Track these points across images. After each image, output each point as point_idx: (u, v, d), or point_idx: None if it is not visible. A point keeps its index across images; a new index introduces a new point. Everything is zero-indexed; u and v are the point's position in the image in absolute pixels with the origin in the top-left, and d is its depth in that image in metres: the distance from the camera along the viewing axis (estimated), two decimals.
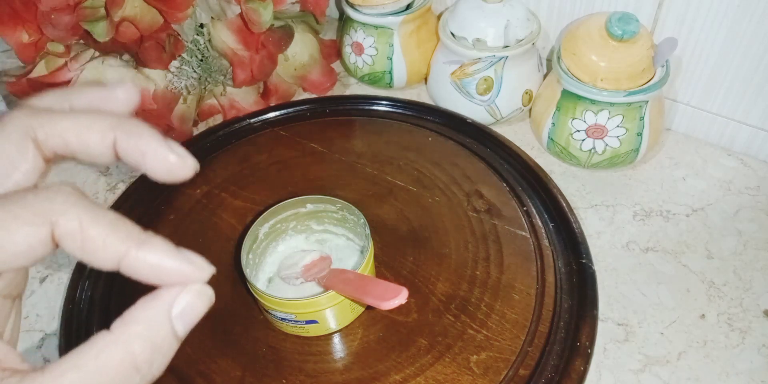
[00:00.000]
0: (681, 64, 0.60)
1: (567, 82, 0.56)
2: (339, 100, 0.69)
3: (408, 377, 0.44)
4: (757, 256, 0.52)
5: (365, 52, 0.68)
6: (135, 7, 0.56)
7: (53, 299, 0.53)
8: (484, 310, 0.47)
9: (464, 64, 0.61)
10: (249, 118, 0.66)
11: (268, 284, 0.50)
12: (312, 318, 0.44)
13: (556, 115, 0.58)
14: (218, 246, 0.54)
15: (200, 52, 0.62)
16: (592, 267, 0.50)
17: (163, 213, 0.57)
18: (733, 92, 0.59)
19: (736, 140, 0.61)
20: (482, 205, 0.55)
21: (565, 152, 0.60)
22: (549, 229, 0.53)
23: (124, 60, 0.61)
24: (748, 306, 0.49)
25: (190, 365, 0.45)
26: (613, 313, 0.49)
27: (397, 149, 0.61)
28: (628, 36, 0.53)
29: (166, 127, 0.63)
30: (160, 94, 0.61)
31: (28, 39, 0.59)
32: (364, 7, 0.65)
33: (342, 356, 0.46)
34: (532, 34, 0.60)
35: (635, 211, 0.57)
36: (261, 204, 0.57)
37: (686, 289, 0.51)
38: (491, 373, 0.43)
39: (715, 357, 0.46)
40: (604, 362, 0.46)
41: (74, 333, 0.49)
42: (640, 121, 0.56)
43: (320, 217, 0.52)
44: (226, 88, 0.66)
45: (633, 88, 0.54)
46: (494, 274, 0.50)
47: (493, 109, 0.63)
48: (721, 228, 0.55)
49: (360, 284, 0.43)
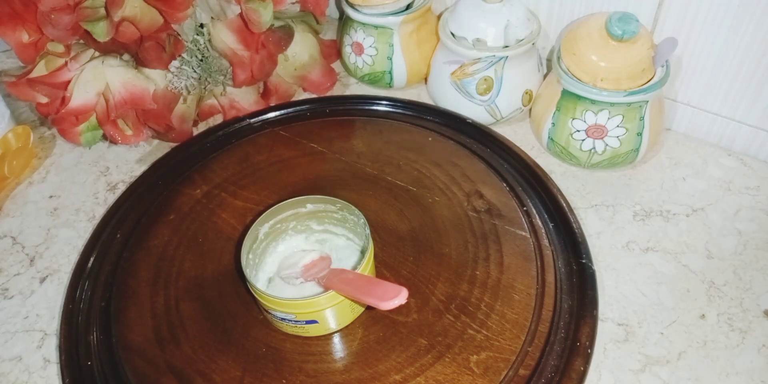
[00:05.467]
0: (681, 64, 0.60)
1: (567, 82, 0.56)
2: (339, 100, 0.69)
3: (408, 377, 0.44)
4: (757, 256, 0.52)
5: (365, 52, 0.68)
6: (135, 7, 0.56)
7: (53, 299, 0.53)
8: (484, 310, 0.47)
9: (464, 64, 0.61)
10: (249, 118, 0.66)
11: (268, 284, 0.50)
12: (312, 318, 0.44)
13: (556, 115, 0.58)
14: (218, 246, 0.54)
15: (200, 52, 0.62)
16: (592, 267, 0.50)
17: (163, 213, 0.57)
18: (733, 92, 0.59)
19: (736, 140, 0.61)
20: (482, 205, 0.55)
21: (565, 152, 0.60)
22: (549, 229, 0.53)
23: (124, 60, 0.61)
24: (748, 306, 0.49)
25: (190, 365, 0.45)
26: (613, 313, 0.49)
27: (397, 149, 0.61)
28: (628, 36, 0.53)
29: (166, 127, 0.63)
30: (160, 94, 0.61)
31: (28, 39, 0.59)
32: (364, 7, 0.65)
33: (342, 356, 0.46)
34: (532, 34, 0.60)
35: (635, 211, 0.57)
36: (261, 204, 0.57)
37: (686, 289, 0.51)
38: (491, 373, 0.43)
39: (715, 357, 0.46)
40: (604, 362, 0.46)
41: (74, 333, 0.49)
42: (640, 121, 0.56)
43: (320, 217, 0.52)
44: (226, 88, 0.66)
45: (633, 88, 0.54)
46: (494, 274, 0.50)
47: (493, 109, 0.63)
48: (721, 228, 0.55)
49: (360, 284, 0.43)
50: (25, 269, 0.56)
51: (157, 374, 0.45)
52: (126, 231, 0.56)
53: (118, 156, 0.67)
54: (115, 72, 0.60)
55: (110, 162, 0.66)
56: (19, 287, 0.54)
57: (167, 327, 0.48)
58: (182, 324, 0.48)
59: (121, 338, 0.48)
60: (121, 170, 0.65)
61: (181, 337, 0.47)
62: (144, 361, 0.46)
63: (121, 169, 0.65)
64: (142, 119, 0.62)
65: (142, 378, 0.45)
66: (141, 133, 0.63)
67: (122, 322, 0.49)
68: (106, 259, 0.54)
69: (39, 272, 0.56)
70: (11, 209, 0.62)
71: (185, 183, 0.60)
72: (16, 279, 0.55)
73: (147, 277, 0.52)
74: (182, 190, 0.59)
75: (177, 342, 0.47)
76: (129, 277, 0.52)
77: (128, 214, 0.57)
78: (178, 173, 0.61)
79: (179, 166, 0.62)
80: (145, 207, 0.58)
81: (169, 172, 0.61)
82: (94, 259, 0.54)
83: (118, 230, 0.56)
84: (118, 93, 0.59)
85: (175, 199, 0.58)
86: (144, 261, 0.53)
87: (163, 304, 0.49)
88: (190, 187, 0.59)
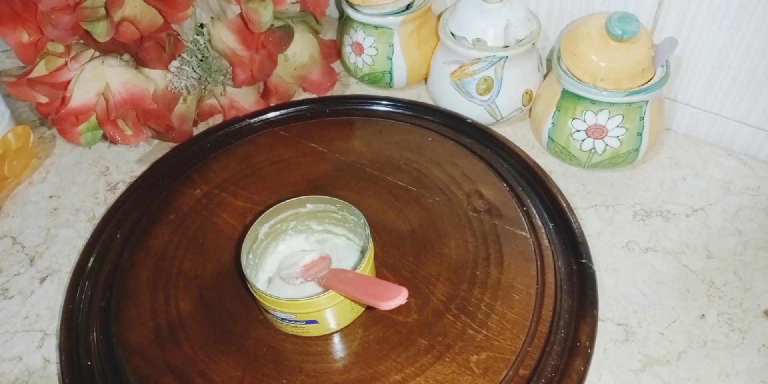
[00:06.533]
0: (681, 64, 0.60)
1: (567, 82, 0.56)
2: (339, 100, 0.69)
3: (408, 377, 0.44)
4: (757, 256, 0.52)
5: (365, 52, 0.68)
6: (135, 7, 0.56)
7: (53, 299, 0.53)
8: (484, 310, 0.47)
9: (464, 64, 0.61)
10: (249, 118, 0.66)
11: (268, 284, 0.50)
12: (312, 318, 0.44)
13: (556, 115, 0.58)
14: (218, 246, 0.54)
15: (200, 52, 0.62)
16: (592, 267, 0.50)
17: (163, 213, 0.57)
18: (733, 92, 0.59)
19: (736, 140, 0.61)
20: (482, 205, 0.55)
21: (565, 152, 0.60)
22: (549, 229, 0.53)
23: (124, 60, 0.61)
24: (748, 306, 0.49)
25: (190, 365, 0.45)
26: (613, 313, 0.49)
27: (397, 149, 0.61)
28: (628, 36, 0.53)
29: (166, 127, 0.63)
30: (160, 94, 0.61)
31: (28, 39, 0.59)
32: (364, 7, 0.65)
33: (342, 356, 0.46)
34: (532, 34, 0.60)
35: (635, 211, 0.57)
36: (261, 204, 0.57)
37: (686, 289, 0.51)
38: (491, 373, 0.43)
39: (715, 357, 0.46)
40: (604, 362, 0.46)
41: (74, 333, 0.49)
42: (640, 121, 0.56)
43: (320, 217, 0.52)
44: (226, 88, 0.66)
45: (633, 88, 0.54)
46: (494, 274, 0.50)
47: (493, 109, 0.63)
48: (721, 228, 0.55)
49: (360, 284, 0.43)
50: (25, 269, 0.56)
51: (157, 374, 0.45)
52: (126, 231, 0.56)
53: (118, 156, 0.67)
54: (115, 72, 0.60)
55: (110, 162, 0.66)
56: (19, 287, 0.54)
57: (167, 327, 0.48)
58: (182, 324, 0.48)
59: (121, 338, 0.48)
60: (121, 170, 0.65)
61: (181, 337, 0.47)
62: (144, 361, 0.46)
63: (121, 169, 0.65)
64: (142, 119, 0.62)
65: (142, 378, 0.45)
66: (141, 133, 0.63)
67: (122, 322, 0.49)
68: (106, 259, 0.54)
69: (39, 272, 0.56)
70: (11, 209, 0.62)
71: (185, 183, 0.60)
72: (16, 279, 0.55)
73: (147, 277, 0.52)
74: (182, 190, 0.59)
75: (177, 342, 0.47)
76: (129, 277, 0.52)
77: (128, 214, 0.57)
78: (178, 173, 0.61)
79: (179, 166, 0.62)
80: (145, 207, 0.58)
81: (169, 172, 0.61)
82: (94, 259, 0.54)
83: (118, 230, 0.56)
84: (118, 93, 0.59)
85: (175, 199, 0.58)
86: (144, 261, 0.53)
87: (163, 304, 0.49)
88: (190, 187, 0.59)
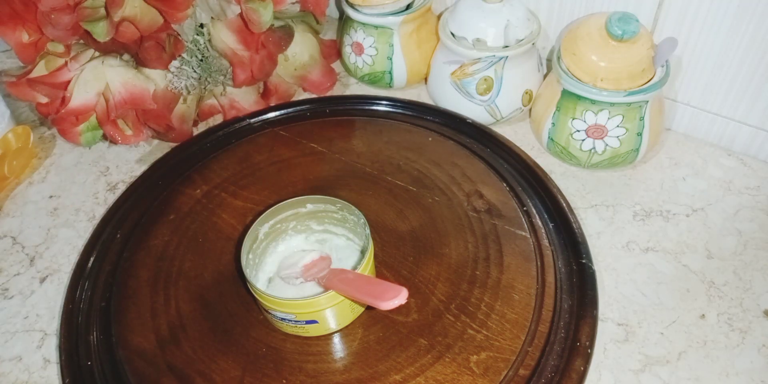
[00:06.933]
0: (681, 64, 0.60)
1: (567, 82, 0.56)
2: (339, 100, 0.69)
3: (408, 377, 0.44)
4: (757, 256, 0.52)
5: (365, 52, 0.68)
6: (135, 7, 0.56)
7: (53, 299, 0.53)
8: (484, 310, 0.47)
9: (464, 64, 0.61)
10: (249, 118, 0.66)
11: (268, 284, 0.50)
12: (312, 318, 0.44)
13: (556, 115, 0.58)
14: (218, 246, 0.54)
15: (200, 52, 0.62)
16: (592, 267, 0.50)
17: (163, 213, 0.57)
18: (733, 92, 0.59)
19: (736, 140, 0.61)
20: (482, 205, 0.55)
21: (565, 152, 0.60)
22: (549, 229, 0.53)
23: (124, 60, 0.61)
24: (748, 306, 0.49)
25: (190, 365, 0.45)
26: (613, 313, 0.49)
27: (397, 149, 0.61)
28: (628, 36, 0.53)
29: (166, 127, 0.63)
30: (160, 94, 0.61)
31: (28, 39, 0.59)
32: (364, 7, 0.65)
33: (342, 356, 0.46)
34: (532, 34, 0.60)
35: (635, 211, 0.57)
36: (261, 204, 0.57)
37: (686, 289, 0.51)
38: (491, 373, 0.43)
39: (715, 357, 0.46)
40: (604, 362, 0.46)
41: (74, 333, 0.49)
42: (640, 121, 0.56)
43: (320, 217, 0.52)
44: (226, 88, 0.66)
45: (633, 88, 0.54)
46: (494, 274, 0.50)
47: (493, 109, 0.63)
48: (721, 228, 0.55)
49: (360, 284, 0.43)
50: (25, 269, 0.56)
51: (157, 374, 0.45)
52: (126, 231, 0.56)
53: (118, 156, 0.67)
54: (115, 72, 0.60)
55: (110, 162, 0.66)
56: (19, 287, 0.54)
57: (167, 327, 0.48)
58: (182, 324, 0.48)
59: (121, 338, 0.48)
60: (121, 170, 0.65)
61: (181, 337, 0.47)
62: (144, 361, 0.46)
63: (121, 169, 0.65)
64: (142, 119, 0.62)
65: (142, 378, 0.45)
66: (141, 133, 0.63)
67: (122, 322, 0.49)
68: (106, 259, 0.54)
69: (39, 272, 0.56)
70: (11, 209, 0.62)
71: (185, 183, 0.60)
72: (16, 279, 0.55)
73: (147, 277, 0.52)
74: (182, 190, 0.59)
75: (177, 342, 0.47)
76: (129, 277, 0.52)
77: (128, 214, 0.57)
78: (178, 173, 0.61)
79: (179, 166, 0.62)
80: (145, 207, 0.58)
81: (169, 172, 0.61)
82: (94, 259, 0.54)
83: (118, 230, 0.56)
84: (118, 93, 0.59)
85: (175, 199, 0.58)
86: (144, 261, 0.53)
87: (163, 304, 0.49)
88: (190, 187, 0.59)
